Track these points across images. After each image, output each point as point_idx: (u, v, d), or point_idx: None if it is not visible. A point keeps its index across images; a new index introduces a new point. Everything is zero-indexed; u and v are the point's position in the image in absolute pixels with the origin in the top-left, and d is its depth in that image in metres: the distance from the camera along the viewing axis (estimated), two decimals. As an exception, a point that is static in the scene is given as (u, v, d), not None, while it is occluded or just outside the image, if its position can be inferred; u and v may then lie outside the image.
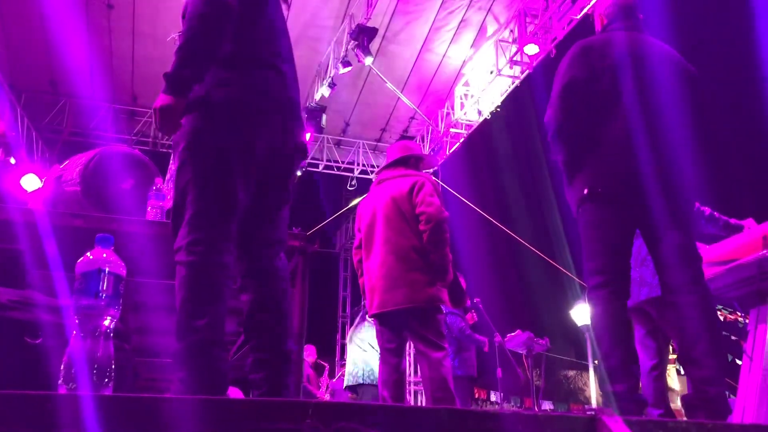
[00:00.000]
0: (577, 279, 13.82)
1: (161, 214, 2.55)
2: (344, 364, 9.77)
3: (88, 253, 1.25)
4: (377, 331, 3.61)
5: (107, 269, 1.23)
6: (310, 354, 9.21)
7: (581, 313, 13.10)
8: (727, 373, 2.48)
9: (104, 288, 1.21)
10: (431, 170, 3.85)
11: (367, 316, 6.78)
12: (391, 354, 3.52)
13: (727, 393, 2.34)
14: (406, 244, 3.42)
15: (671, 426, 1.38)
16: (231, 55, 1.98)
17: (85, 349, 1.17)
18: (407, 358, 3.71)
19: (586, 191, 2.38)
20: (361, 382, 6.09)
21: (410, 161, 3.69)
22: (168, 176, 3.86)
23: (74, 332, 1.20)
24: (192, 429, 1.13)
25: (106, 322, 1.21)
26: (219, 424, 1.14)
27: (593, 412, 1.36)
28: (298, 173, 11.04)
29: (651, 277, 3.27)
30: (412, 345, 3.75)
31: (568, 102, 2.44)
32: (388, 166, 3.72)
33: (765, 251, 3.26)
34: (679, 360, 2.58)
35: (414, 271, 3.39)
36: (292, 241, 2.56)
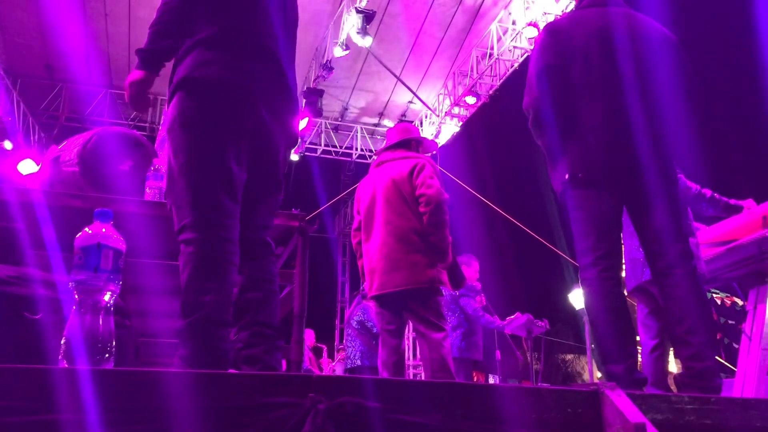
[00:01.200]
0: (573, 262, 13.88)
1: (160, 195, 2.54)
2: (342, 348, 9.81)
3: (87, 228, 1.24)
4: (377, 313, 3.60)
5: (107, 244, 1.22)
6: (308, 338, 9.25)
7: (579, 297, 13.17)
8: (719, 353, 2.48)
9: (104, 262, 1.20)
10: (430, 154, 3.82)
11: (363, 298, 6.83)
12: (390, 335, 3.52)
13: (720, 375, 2.34)
14: (407, 226, 3.41)
15: (674, 400, 1.38)
16: (213, 35, 1.96)
17: (85, 325, 1.16)
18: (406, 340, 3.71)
19: (567, 176, 2.38)
20: (359, 364, 6.12)
21: (411, 144, 3.67)
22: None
23: (74, 307, 1.19)
24: (194, 403, 1.13)
25: (106, 297, 1.20)
26: (221, 399, 1.14)
27: (596, 387, 1.36)
28: (295, 158, 11.00)
29: None
30: (410, 328, 3.75)
31: (542, 88, 2.42)
32: (388, 148, 3.70)
33: (765, 231, 3.27)
34: (670, 339, 2.57)
35: (414, 253, 3.38)
36: (292, 221, 2.55)
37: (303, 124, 10.30)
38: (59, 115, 10.21)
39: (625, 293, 3.29)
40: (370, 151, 11.75)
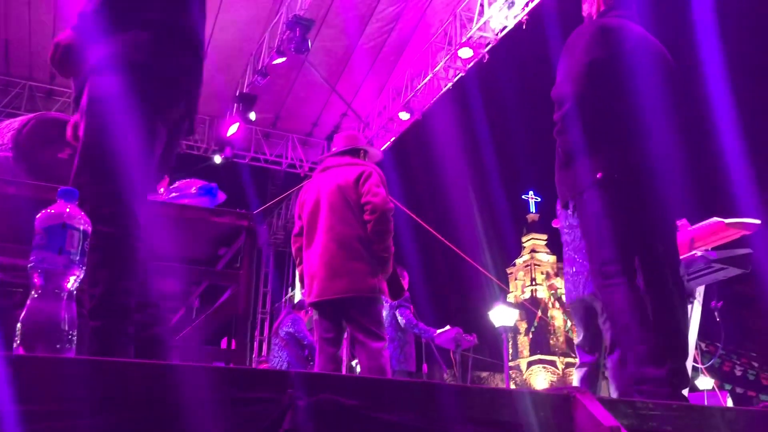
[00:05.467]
0: (495, 281, 14.17)
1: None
2: (264, 360, 9.61)
3: (49, 208, 1.15)
4: (315, 321, 3.54)
5: (72, 224, 1.13)
6: (229, 348, 9.00)
7: (499, 314, 13.44)
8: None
9: (69, 244, 1.11)
10: (376, 162, 3.82)
11: (293, 307, 6.72)
12: (328, 343, 3.47)
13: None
14: (350, 233, 3.38)
15: (639, 406, 1.41)
16: (147, 20, 1.89)
17: (46, 310, 1.06)
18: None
19: (599, 175, 2.30)
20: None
21: (358, 152, 3.66)
22: None
23: (32, 292, 1.09)
24: (166, 396, 1.06)
25: (70, 282, 1.11)
26: (196, 392, 1.07)
27: (567, 391, 1.37)
28: (218, 160, 10.74)
29: None
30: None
31: (592, 80, 2.36)
32: (334, 155, 3.67)
33: (692, 253, 3.42)
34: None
35: (356, 261, 3.35)
36: (240, 220, 2.48)
37: (233, 129, 10.10)
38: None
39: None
40: (300, 160, 11.64)
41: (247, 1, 8.82)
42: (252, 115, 9.69)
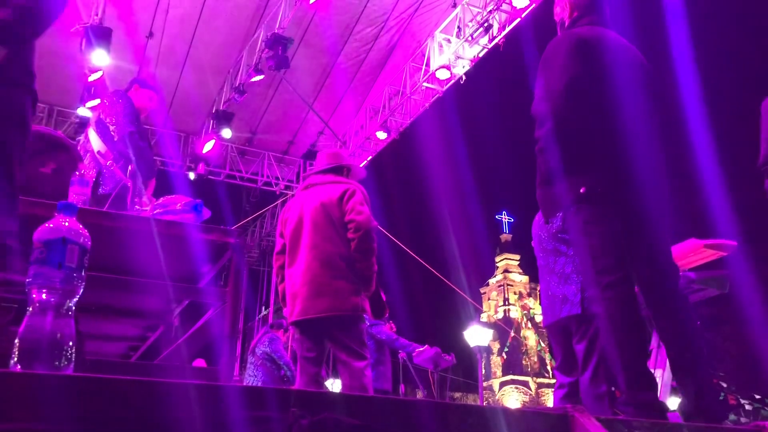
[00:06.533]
0: (470, 300, 14.22)
1: (84, 202, 2.37)
2: (235, 380, 9.45)
3: (48, 222, 1.12)
4: (297, 339, 3.50)
5: (72, 239, 1.10)
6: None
7: (474, 334, 13.48)
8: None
9: (69, 259, 1.08)
10: (359, 180, 3.82)
11: (271, 327, 6.65)
12: (310, 363, 3.42)
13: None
14: (333, 251, 3.36)
15: (635, 425, 1.42)
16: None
17: (45, 326, 1.03)
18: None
19: (583, 190, 2.28)
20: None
21: (342, 170, 3.65)
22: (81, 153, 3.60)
23: (29, 308, 1.06)
24: (168, 414, 1.03)
25: (69, 297, 1.08)
26: (197, 410, 1.05)
27: (564, 410, 1.37)
28: (191, 176, 10.63)
29: (573, 295, 3.38)
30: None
31: (573, 96, 2.34)
32: (318, 173, 3.66)
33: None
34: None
35: (339, 279, 3.33)
36: (227, 237, 2.45)
37: (209, 146, 10.05)
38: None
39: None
40: (277, 178, 11.61)
41: (224, 20, 8.82)
42: (227, 132, 9.65)
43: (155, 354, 3.43)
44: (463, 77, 9.03)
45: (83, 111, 8.50)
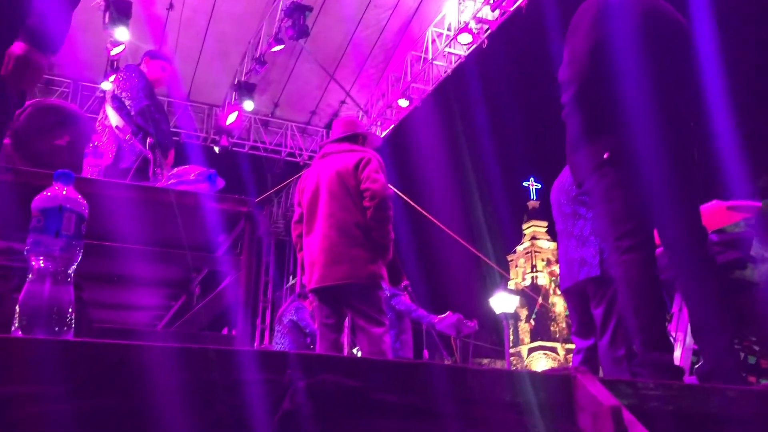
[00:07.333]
0: (496, 267, 14.19)
1: (99, 174, 2.40)
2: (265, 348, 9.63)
3: (46, 191, 1.14)
4: (316, 307, 3.54)
5: (69, 207, 1.12)
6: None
7: (500, 301, 13.48)
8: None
9: (66, 227, 1.10)
10: (375, 148, 3.80)
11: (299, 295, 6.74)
12: (329, 329, 3.47)
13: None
14: (350, 220, 3.38)
15: (640, 386, 1.41)
16: None
17: (44, 293, 1.06)
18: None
19: (606, 155, 2.28)
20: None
21: (357, 137, 3.64)
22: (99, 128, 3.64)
23: (30, 275, 1.09)
24: (166, 378, 1.05)
25: (67, 264, 1.10)
26: (195, 373, 1.07)
27: (567, 371, 1.37)
28: (216, 149, 10.70)
29: (591, 257, 3.35)
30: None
31: (596, 61, 2.32)
32: (333, 141, 3.66)
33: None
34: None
35: (356, 247, 3.35)
36: (240, 206, 2.46)
37: (232, 118, 10.08)
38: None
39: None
40: (300, 149, 11.62)
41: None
42: (250, 104, 9.66)
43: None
44: (486, 41, 8.87)
45: (107, 85, 8.58)
